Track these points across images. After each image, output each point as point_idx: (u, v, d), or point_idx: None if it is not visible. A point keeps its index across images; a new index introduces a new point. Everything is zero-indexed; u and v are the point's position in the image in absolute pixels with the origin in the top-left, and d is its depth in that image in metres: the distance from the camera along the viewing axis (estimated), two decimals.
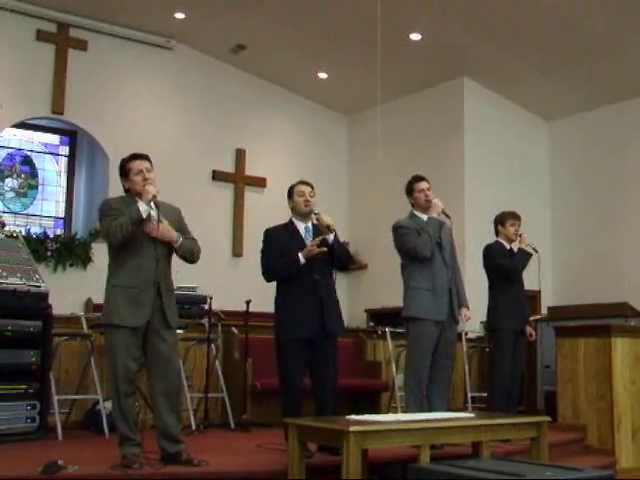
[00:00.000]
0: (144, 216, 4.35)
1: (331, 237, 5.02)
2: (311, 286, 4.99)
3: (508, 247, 6.44)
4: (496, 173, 10.23)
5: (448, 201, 5.78)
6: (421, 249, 5.48)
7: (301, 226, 5.22)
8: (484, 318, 6.53)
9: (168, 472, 4.24)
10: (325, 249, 4.97)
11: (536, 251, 6.51)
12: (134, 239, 4.40)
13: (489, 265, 6.41)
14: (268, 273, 5.15)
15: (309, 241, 5.11)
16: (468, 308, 5.76)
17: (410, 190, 5.77)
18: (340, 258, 5.10)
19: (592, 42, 8.90)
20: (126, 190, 4.61)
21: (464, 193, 9.69)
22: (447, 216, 5.72)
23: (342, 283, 9.78)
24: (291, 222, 5.27)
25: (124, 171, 4.57)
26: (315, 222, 5.18)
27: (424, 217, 5.66)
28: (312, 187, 5.25)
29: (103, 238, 4.52)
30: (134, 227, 4.35)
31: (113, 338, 4.40)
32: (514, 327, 6.27)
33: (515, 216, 6.50)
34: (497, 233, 6.52)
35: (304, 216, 5.21)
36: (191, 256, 4.64)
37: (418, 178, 5.76)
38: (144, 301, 4.41)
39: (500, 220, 6.51)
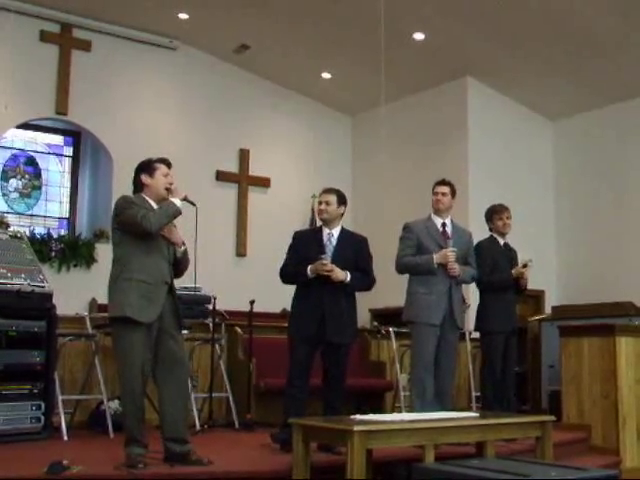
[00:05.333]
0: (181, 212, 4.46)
1: (347, 279, 5.20)
2: (318, 292, 5.15)
3: (502, 242, 6.39)
4: (500, 173, 10.22)
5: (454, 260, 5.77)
6: (406, 270, 5.70)
7: (325, 232, 5.35)
8: None
9: (174, 472, 4.25)
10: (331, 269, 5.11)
11: (524, 290, 6.45)
12: (154, 238, 4.44)
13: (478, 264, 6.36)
14: (281, 276, 5.39)
15: (329, 248, 5.25)
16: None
17: (432, 191, 5.85)
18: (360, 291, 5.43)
19: (595, 42, 8.89)
20: (138, 188, 4.61)
21: (468, 193, 9.66)
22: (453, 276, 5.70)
23: None
24: (320, 226, 5.45)
25: (150, 169, 4.58)
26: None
27: (438, 221, 5.76)
28: (338, 193, 5.35)
29: (132, 226, 4.38)
30: (170, 219, 4.44)
31: (129, 334, 4.35)
32: (504, 329, 6.20)
33: (500, 210, 6.39)
34: (490, 229, 6.47)
35: (328, 222, 5.35)
36: (185, 266, 4.71)
37: (438, 182, 5.85)
38: (156, 298, 4.42)
39: (487, 216, 6.44)
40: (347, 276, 5.17)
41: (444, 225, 5.75)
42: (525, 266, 6.29)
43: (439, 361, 5.58)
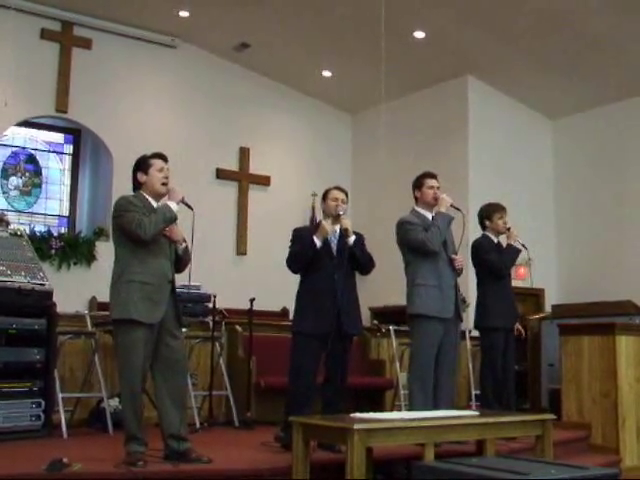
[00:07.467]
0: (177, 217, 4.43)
1: (351, 240, 5.18)
2: (329, 284, 5.11)
3: (496, 241, 6.31)
4: (500, 171, 10.22)
5: (452, 199, 5.73)
6: (431, 242, 5.38)
7: None
8: None
9: (174, 470, 4.24)
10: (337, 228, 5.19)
11: (525, 247, 6.42)
12: (157, 239, 4.44)
13: (478, 261, 6.28)
14: (289, 261, 5.24)
15: (334, 243, 5.24)
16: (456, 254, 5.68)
17: (419, 184, 5.66)
18: (360, 262, 5.29)
19: (595, 41, 8.89)
20: (136, 186, 4.60)
21: (468, 191, 9.67)
22: (457, 209, 5.62)
23: None
24: (319, 223, 5.38)
25: (145, 166, 4.57)
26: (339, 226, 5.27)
27: (428, 215, 5.58)
28: (346, 194, 5.39)
29: (127, 232, 4.39)
30: (166, 225, 4.42)
31: (131, 335, 4.34)
32: (504, 325, 6.17)
33: (501, 208, 6.32)
34: (484, 227, 6.36)
35: (333, 219, 5.29)
36: (186, 262, 4.70)
37: (430, 174, 5.66)
38: (159, 298, 4.42)
39: (486, 215, 6.33)
40: (353, 237, 5.19)
41: (434, 219, 5.63)
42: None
43: (441, 357, 5.47)
